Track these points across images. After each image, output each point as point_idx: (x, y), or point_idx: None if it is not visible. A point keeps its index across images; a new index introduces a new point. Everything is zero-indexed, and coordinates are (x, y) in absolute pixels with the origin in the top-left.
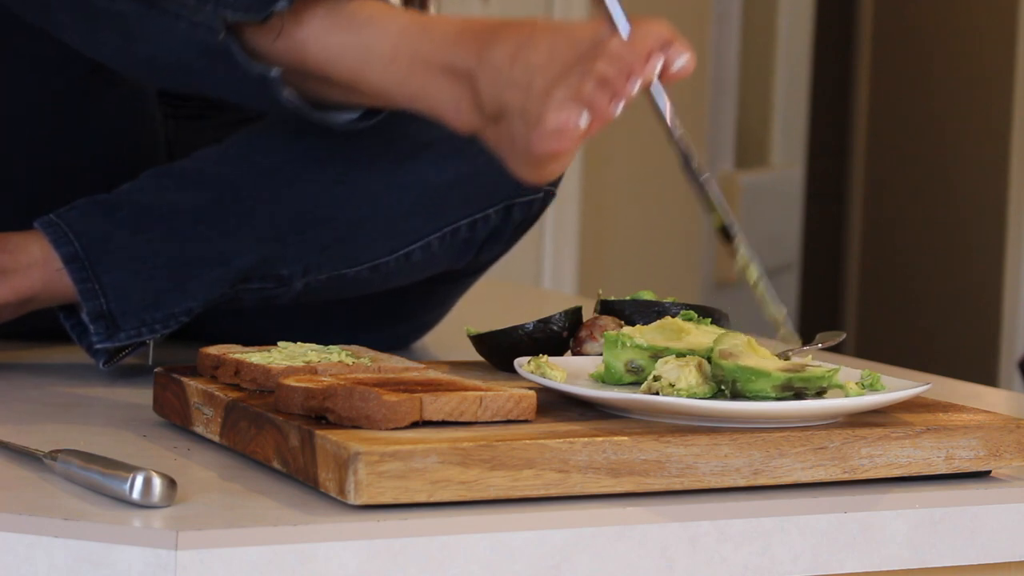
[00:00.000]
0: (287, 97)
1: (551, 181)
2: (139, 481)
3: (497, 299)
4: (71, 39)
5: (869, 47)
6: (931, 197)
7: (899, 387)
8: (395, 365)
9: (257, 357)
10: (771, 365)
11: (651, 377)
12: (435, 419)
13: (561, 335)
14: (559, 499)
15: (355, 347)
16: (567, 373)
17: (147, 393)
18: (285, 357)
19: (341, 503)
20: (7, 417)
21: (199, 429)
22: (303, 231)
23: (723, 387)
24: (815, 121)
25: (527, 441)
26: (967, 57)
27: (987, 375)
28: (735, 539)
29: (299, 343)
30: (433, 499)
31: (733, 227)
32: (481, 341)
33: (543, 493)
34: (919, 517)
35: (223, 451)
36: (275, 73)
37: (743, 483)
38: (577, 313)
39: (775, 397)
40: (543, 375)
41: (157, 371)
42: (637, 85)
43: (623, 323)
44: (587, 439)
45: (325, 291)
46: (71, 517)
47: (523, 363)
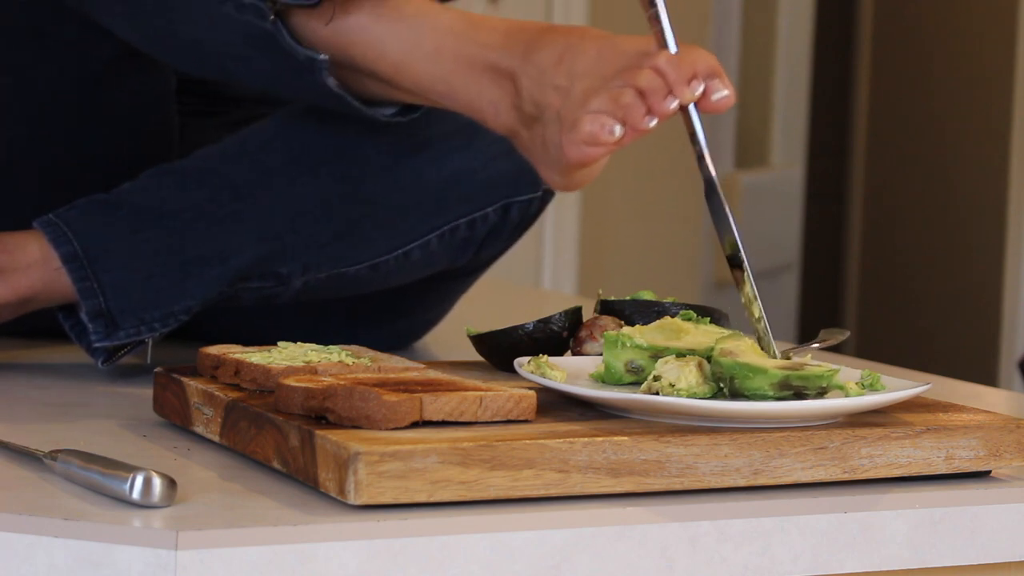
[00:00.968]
0: (332, 83)
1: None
2: (139, 481)
3: (497, 299)
4: (116, 24)
5: (869, 47)
6: (931, 197)
7: (899, 387)
8: (395, 365)
9: (257, 357)
10: (769, 363)
11: (651, 377)
12: (435, 419)
13: (561, 335)
14: (559, 499)
15: (355, 347)
16: (567, 373)
17: (147, 393)
18: (285, 357)
19: (341, 503)
20: (7, 417)
21: (199, 429)
22: (302, 230)
23: (722, 384)
24: (815, 121)
25: (527, 441)
26: (967, 57)
27: (987, 375)
28: (735, 539)
29: (299, 343)
30: (433, 499)
31: (744, 262)
32: (481, 341)
33: (543, 493)
34: (919, 517)
35: (223, 451)
36: (323, 57)
37: (743, 483)
38: (577, 313)
39: (773, 395)
40: (543, 375)
41: (157, 371)
42: (675, 104)
43: (623, 323)
44: (587, 439)
45: (324, 290)
46: (71, 517)
47: (523, 363)
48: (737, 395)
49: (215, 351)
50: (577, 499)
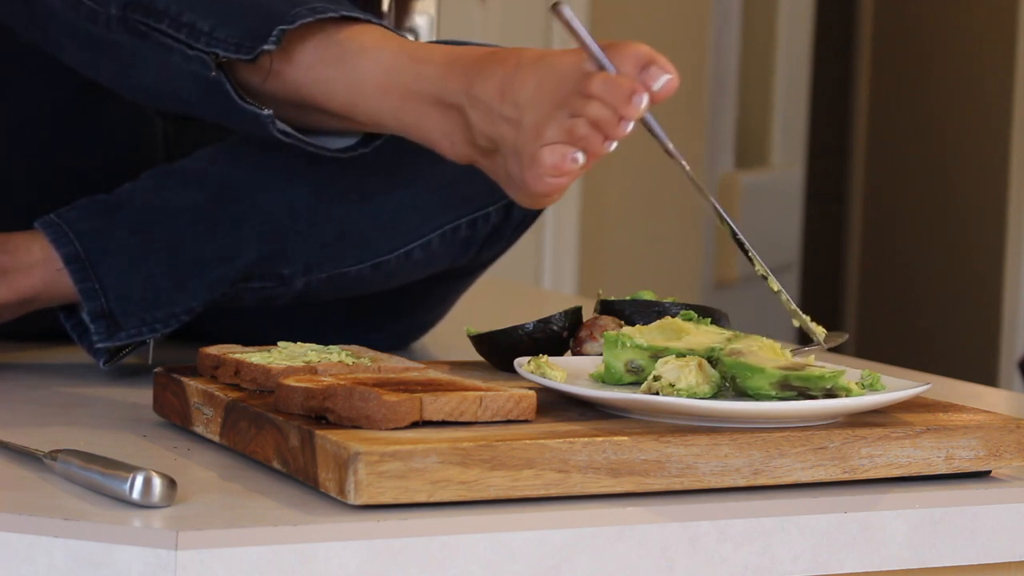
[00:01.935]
0: (280, 133)
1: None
2: (139, 481)
3: (497, 299)
4: (70, 62)
5: (869, 47)
6: (931, 197)
7: (899, 387)
8: (395, 365)
9: (257, 357)
10: (769, 363)
11: (651, 377)
12: (435, 419)
13: (561, 335)
14: (559, 499)
15: (355, 347)
16: (567, 373)
17: (147, 393)
18: (285, 357)
19: (341, 503)
20: (7, 417)
21: (199, 429)
22: (303, 230)
23: (726, 382)
24: (815, 121)
25: (527, 441)
26: (967, 57)
27: (987, 375)
28: (735, 539)
29: (299, 343)
30: (433, 499)
31: (743, 243)
32: (481, 341)
33: (543, 493)
34: (919, 517)
35: (223, 451)
36: (266, 112)
37: (743, 483)
38: (577, 313)
39: (775, 395)
40: (543, 375)
41: (157, 371)
42: (630, 126)
43: (623, 323)
44: (587, 439)
45: (326, 290)
46: (71, 517)
47: (523, 363)
48: (741, 394)
49: (215, 351)
50: (577, 499)
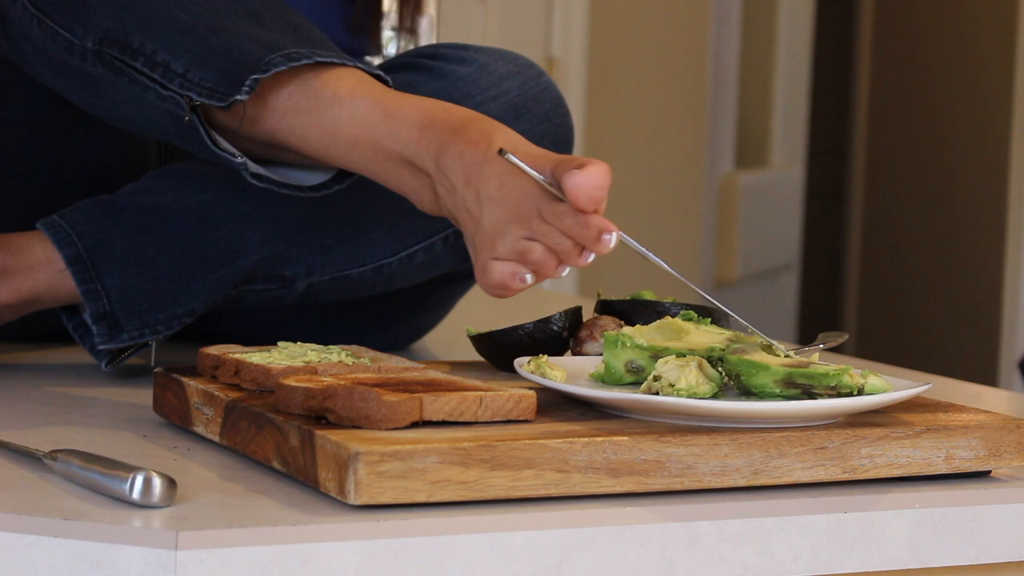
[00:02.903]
0: (253, 178)
1: None
2: (139, 481)
3: (497, 299)
4: (49, 86)
5: (869, 47)
6: (931, 197)
7: (899, 387)
8: (395, 365)
9: (257, 357)
10: (773, 360)
11: (651, 377)
12: (435, 419)
13: (561, 335)
14: (559, 499)
15: (355, 347)
16: (567, 373)
17: (147, 393)
18: (285, 357)
19: (341, 503)
20: (7, 417)
21: (199, 429)
22: (306, 232)
23: (730, 380)
24: (815, 121)
25: (527, 441)
26: (967, 57)
27: (987, 375)
28: (735, 539)
29: (299, 343)
30: (433, 499)
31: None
32: (481, 341)
33: (543, 493)
34: (919, 517)
35: (223, 451)
36: (239, 160)
37: (743, 483)
38: (577, 313)
39: (780, 393)
40: (543, 375)
41: (157, 371)
42: (592, 258)
43: (623, 323)
44: (587, 439)
45: (328, 292)
46: (71, 517)
47: (523, 363)
48: (746, 393)
49: (215, 351)
50: (577, 499)
